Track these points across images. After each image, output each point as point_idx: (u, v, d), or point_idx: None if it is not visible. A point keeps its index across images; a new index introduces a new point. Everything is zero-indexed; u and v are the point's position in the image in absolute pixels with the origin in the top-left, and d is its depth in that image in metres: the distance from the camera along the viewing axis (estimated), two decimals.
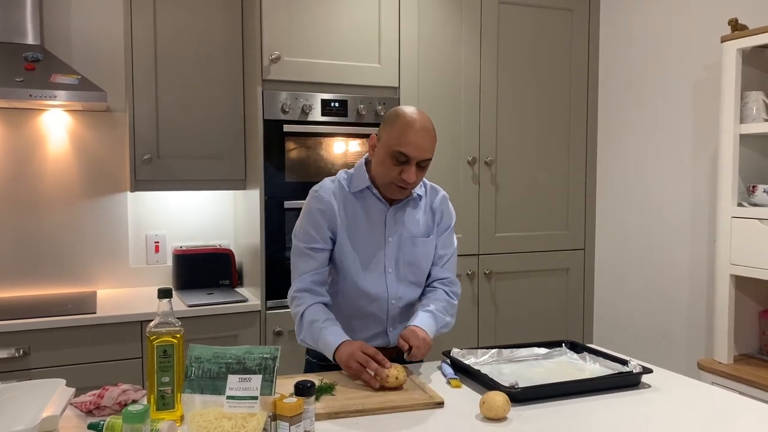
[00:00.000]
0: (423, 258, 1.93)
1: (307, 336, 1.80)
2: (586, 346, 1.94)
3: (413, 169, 1.75)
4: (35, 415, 1.28)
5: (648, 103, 3.04)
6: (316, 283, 1.84)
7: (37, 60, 2.59)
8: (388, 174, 1.78)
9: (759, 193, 2.35)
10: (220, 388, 1.28)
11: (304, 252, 1.85)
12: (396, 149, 1.74)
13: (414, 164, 1.75)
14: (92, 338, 2.47)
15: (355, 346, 1.69)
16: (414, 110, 1.79)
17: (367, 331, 1.90)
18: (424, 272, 1.95)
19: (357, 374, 1.66)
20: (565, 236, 3.28)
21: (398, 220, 1.89)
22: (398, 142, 1.74)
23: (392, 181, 1.78)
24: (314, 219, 1.84)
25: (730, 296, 2.42)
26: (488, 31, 3.06)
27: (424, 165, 1.78)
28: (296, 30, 2.72)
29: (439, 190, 1.99)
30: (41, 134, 2.89)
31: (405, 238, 1.89)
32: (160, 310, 1.41)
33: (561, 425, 1.43)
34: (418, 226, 1.92)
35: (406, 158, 1.74)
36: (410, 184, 1.78)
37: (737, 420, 1.49)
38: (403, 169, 1.75)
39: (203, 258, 3.01)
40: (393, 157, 1.75)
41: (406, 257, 1.89)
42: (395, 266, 1.89)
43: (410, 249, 1.90)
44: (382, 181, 1.82)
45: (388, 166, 1.77)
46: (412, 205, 1.92)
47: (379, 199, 1.87)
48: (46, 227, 2.91)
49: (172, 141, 2.81)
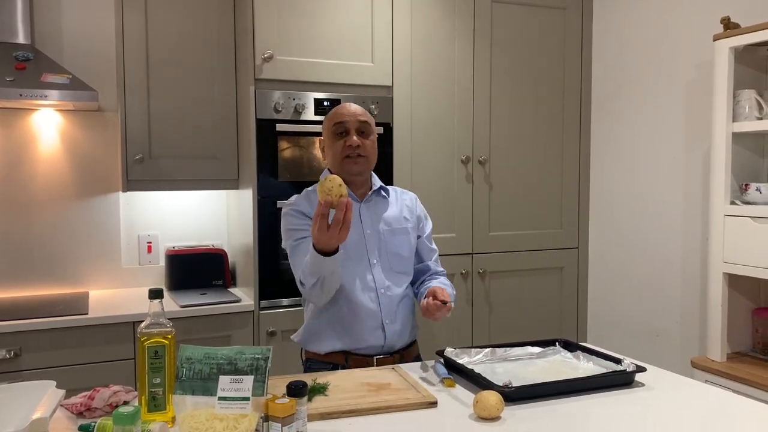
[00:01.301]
0: (404, 247, 2.00)
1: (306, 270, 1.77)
2: (580, 344, 1.94)
3: (354, 135, 1.90)
4: (25, 417, 1.27)
5: (641, 101, 3.04)
6: None
7: (28, 59, 2.57)
8: (336, 150, 1.91)
9: (751, 191, 2.35)
10: (211, 389, 1.27)
11: (294, 246, 1.90)
12: (333, 123, 1.92)
13: (353, 131, 1.90)
14: (84, 339, 2.46)
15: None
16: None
17: (362, 326, 1.91)
18: (408, 261, 2.02)
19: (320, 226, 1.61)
20: (558, 235, 3.29)
21: (371, 212, 1.99)
22: (332, 120, 1.93)
23: (342, 155, 1.90)
24: (293, 217, 1.93)
25: (723, 294, 2.43)
26: (481, 30, 3.06)
27: (364, 130, 1.92)
28: (289, 29, 2.71)
29: (407, 191, 2.13)
30: (32, 134, 2.87)
31: (383, 229, 1.97)
32: (151, 310, 1.41)
33: (554, 424, 1.43)
34: (393, 217, 2.01)
35: (344, 128, 1.90)
36: (357, 150, 1.89)
37: (731, 418, 1.49)
38: (345, 139, 1.90)
39: (196, 258, 2.99)
40: (333, 133, 1.92)
41: (388, 247, 1.97)
42: (379, 257, 1.95)
43: (390, 238, 1.98)
44: (335, 163, 1.93)
45: (333, 145, 1.92)
46: (381, 200, 2.03)
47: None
48: (38, 228, 2.89)
49: (164, 141, 2.80)
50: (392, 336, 1.93)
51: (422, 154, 2.97)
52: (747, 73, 2.47)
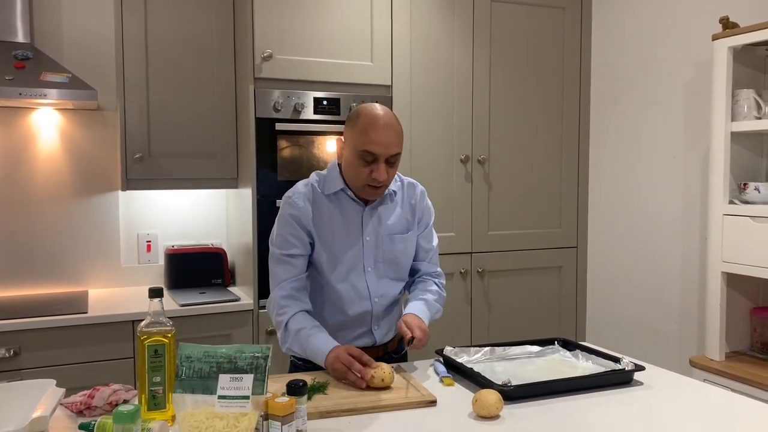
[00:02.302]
0: (402, 255, 1.92)
1: (295, 344, 1.78)
2: (579, 343, 1.94)
3: (383, 167, 1.72)
4: (25, 415, 1.27)
5: (640, 101, 3.04)
6: (297, 290, 1.82)
7: (27, 58, 2.57)
8: (359, 176, 1.75)
9: (750, 190, 2.36)
10: (211, 388, 1.27)
11: (281, 259, 1.82)
12: (362, 149, 1.71)
13: (383, 162, 1.72)
14: (84, 338, 2.46)
15: (341, 349, 1.68)
16: (375, 106, 1.76)
17: (351, 331, 1.89)
18: (404, 268, 1.95)
19: (342, 376, 1.65)
20: (557, 234, 3.29)
21: (375, 219, 1.87)
22: (362, 141, 1.71)
23: (365, 183, 1.76)
24: (290, 225, 1.82)
25: (721, 293, 2.43)
26: (480, 29, 3.06)
27: (393, 161, 1.75)
28: (288, 28, 2.71)
29: (416, 186, 1.97)
30: (31, 133, 2.87)
31: (383, 235, 1.87)
32: (151, 309, 1.41)
33: (553, 423, 1.43)
34: (396, 223, 1.90)
35: (374, 157, 1.71)
36: (382, 183, 1.75)
37: (729, 417, 1.49)
38: (372, 168, 1.72)
39: (195, 257, 2.99)
40: (360, 157, 1.72)
41: (385, 255, 1.88)
42: (374, 265, 1.87)
43: (389, 246, 1.88)
44: (355, 184, 1.79)
45: (357, 168, 1.74)
46: (388, 202, 1.90)
47: (354, 200, 1.84)
48: (37, 227, 2.89)
49: (163, 140, 2.80)
50: (381, 338, 1.92)
51: (421, 153, 2.97)
52: (745, 72, 2.47)
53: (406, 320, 1.79)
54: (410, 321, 1.79)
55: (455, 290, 3.04)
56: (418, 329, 1.76)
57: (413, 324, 1.77)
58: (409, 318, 1.81)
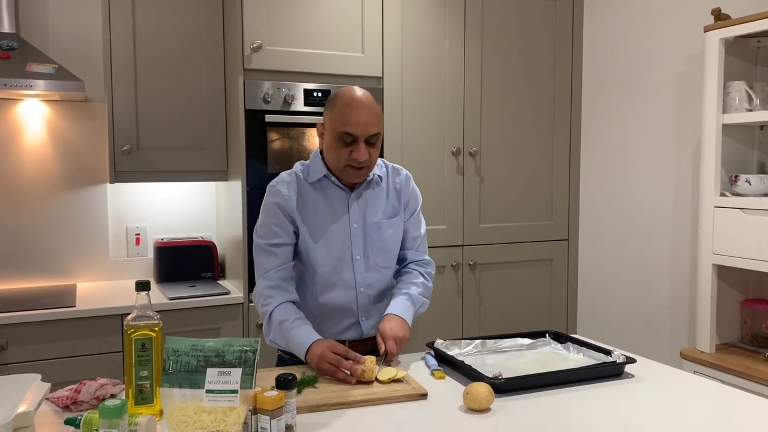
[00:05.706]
0: (391, 241, 1.90)
1: (277, 336, 1.77)
2: (570, 336, 1.94)
3: (362, 147, 1.73)
4: (9, 410, 1.25)
5: (631, 93, 3.04)
6: (282, 279, 1.80)
7: (13, 48, 2.53)
8: (340, 157, 1.75)
9: (741, 182, 2.36)
10: (199, 382, 1.26)
11: (265, 249, 1.81)
12: (341, 130, 1.72)
13: (362, 142, 1.72)
14: (72, 332, 2.44)
15: (324, 346, 1.66)
16: (353, 88, 1.77)
17: (338, 324, 1.87)
18: (394, 256, 1.93)
19: (330, 374, 1.63)
20: (548, 227, 3.29)
21: (361, 205, 1.86)
22: (341, 123, 1.72)
23: (346, 164, 1.76)
24: (273, 213, 1.82)
25: (712, 286, 2.43)
26: (472, 21, 3.04)
27: (373, 141, 1.75)
28: (278, 18, 2.69)
29: (401, 170, 1.96)
30: (18, 125, 2.83)
31: (370, 222, 1.86)
32: (138, 303, 1.39)
33: (544, 416, 1.42)
34: (383, 209, 1.89)
35: (353, 137, 1.72)
36: (363, 163, 1.75)
37: (720, 409, 1.49)
38: (352, 149, 1.73)
39: (185, 250, 2.97)
40: (340, 139, 1.73)
41: (374, 243, 1.87)
42: (363, 253, 1.86)
43: (377, 233, 1.87)
44: (336, 167, 1.79)
45: (337, 150, 1.75)
46: (373, 188, 1.89)
47: (339, 186, 1.83)
48: (24, 220, 2.86)
49: (152, 132, 2.77)
50: (368, 330, 1.90)
51: (413, 145, 2.95)
52: (737, 64, 2.47)
53: (384, 328, 1.77)
54: (387, 330, 1.76)
55: (446, 283, 3.03)
56: (392, 341, 1.74)
57: (388, 334, 1.75)
58: (387, 324, 1.78)
